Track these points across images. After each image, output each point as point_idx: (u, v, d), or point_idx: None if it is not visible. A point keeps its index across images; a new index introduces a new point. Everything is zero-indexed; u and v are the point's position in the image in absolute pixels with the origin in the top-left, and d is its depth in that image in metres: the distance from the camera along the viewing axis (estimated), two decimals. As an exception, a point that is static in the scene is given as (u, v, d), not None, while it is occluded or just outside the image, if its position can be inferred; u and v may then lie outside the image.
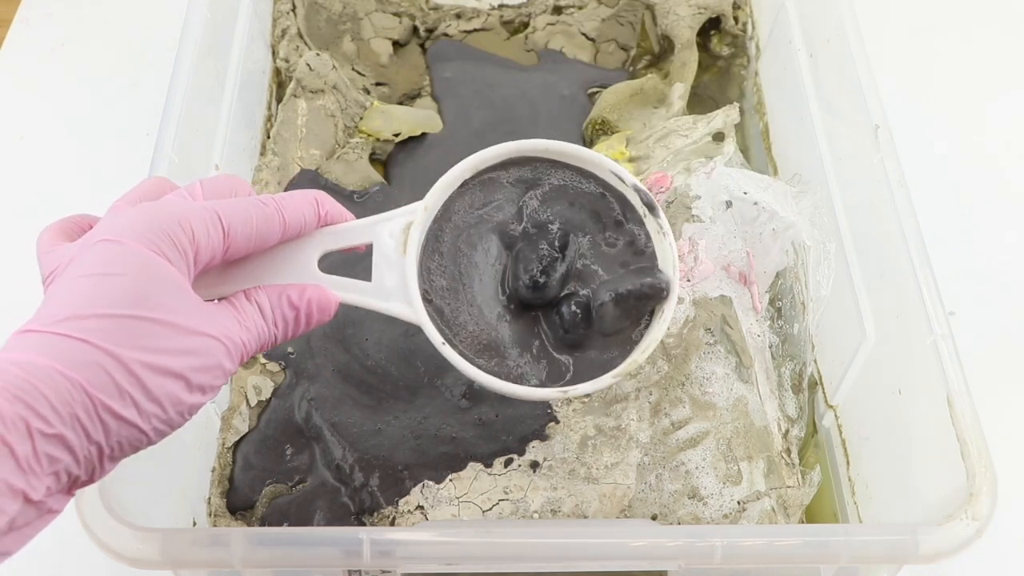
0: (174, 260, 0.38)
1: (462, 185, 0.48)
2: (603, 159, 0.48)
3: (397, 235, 0.45)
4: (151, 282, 0.36)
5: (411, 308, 0.44)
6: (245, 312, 0.41)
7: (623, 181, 0.48)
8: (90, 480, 0.35)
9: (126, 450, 0.36)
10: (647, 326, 0.47)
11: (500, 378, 0.45)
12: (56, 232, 0.41)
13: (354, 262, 0.46)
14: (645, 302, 0.47)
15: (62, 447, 0.33)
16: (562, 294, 0.47)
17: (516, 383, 0.45)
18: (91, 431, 0.34)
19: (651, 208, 0.48)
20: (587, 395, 0.47)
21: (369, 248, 0.45)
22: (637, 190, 0.48)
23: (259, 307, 0.41)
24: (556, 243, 0.47)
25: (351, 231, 0.45)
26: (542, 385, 0.45)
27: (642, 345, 0.46)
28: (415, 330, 0.45)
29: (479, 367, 0.44)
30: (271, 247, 0.43)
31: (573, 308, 0.46)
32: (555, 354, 0.47)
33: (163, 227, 0.38)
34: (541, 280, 0.46)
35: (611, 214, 0.49)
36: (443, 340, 0.44)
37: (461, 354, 0.44)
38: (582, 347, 0.47)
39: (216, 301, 0.40)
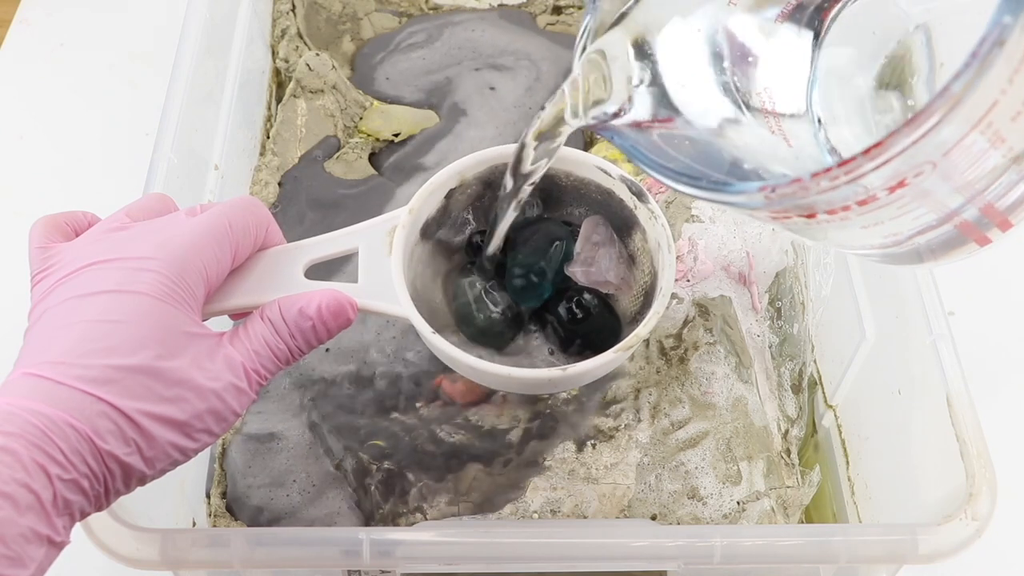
0: (183, 301, 0.38)
1: (449, 193, 0.48)
2: (588, 156, 0.49)
3: (382, 238, 0.45)
4: (155, 330, 0.37)
5: (399, 304, 0.44)
6: (256, 335, 0.40)
7: (609, 175, 0.48)
8: (97, 510, 0.37)
9: (132, 486, 0.37)
10: (648, 305, 0.47)
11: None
12: (52, 227, 0.41)
13: (338, 269, 0.46)
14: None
15: (77, 491, 0.34)
16: (556, 292, 0.47)
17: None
18: (100, 475, 0.35)
19: (640, 195, 0.48)
20: (588, 377, 0.46)
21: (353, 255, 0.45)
22: (624, 180, 0.48)
23: (272, 324, 0.41)
24: (544, 246, 0.47)
25: (335, 240, 0.45)
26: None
27: (644, 320, 0.46)
28: (415, 332, 0.45)
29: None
30: (256, 262, 0.43)
31: (569, 304, 0.46)
32: (560, 353, 0.47)
33: (180, 273, 0.38)
34: (535, 280, 0.47)
35: (603, 208, 0.49)
36: (432, 330, 0.44)
37: (453, 344, 0.44)
38: (585, 343, 0.47)
39: (222, 334, 0.40)
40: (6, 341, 0.42)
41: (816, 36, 0.41)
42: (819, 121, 0.41)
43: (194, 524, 0.52)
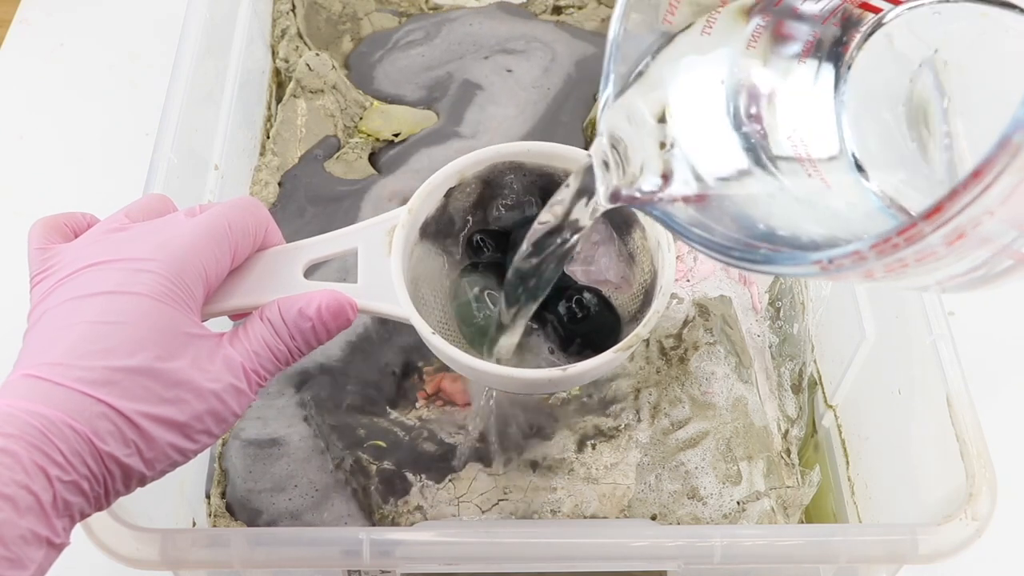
0: (182, 302, 0.38)
1: (448, 192, 0.48)
2: (585, 154, 0.49)
3: (381, 238, 0.45)
4: (154, 332, 0.37)
5: (398, 305, 0.44)
6: (256, 336, 0.40)
7: None
8: (97, 511, 0.36)
9: (132, 487, 0.37)
10: (647, 304, 0.47)
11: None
12: (51, 228, 0.41)
13: (339, 269, 0.46)
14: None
15: (77, 492, 0.34)
16: (556, 291, 0.47)
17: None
18: (100, 476, 0.35)
19: None
20: (588, 376, 0.45)
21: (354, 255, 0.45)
22: None
23: (271, 324, 0.41)
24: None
25: (335, 239, 0.45)
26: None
27: (644, 319, 0.45)
28: (416, 333, 0.45)
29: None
30: (255, 262, 0.43)
31: (569, 303, 0.46)
32: (560, 352, 0.47)
33: (179, 274, 0.38)
34: (532, 282, 0.46)
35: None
36: (432, 330, 0.44)
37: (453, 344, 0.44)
38: (584, 342, 0.47)
39: (221, 335, 0.40)
40: (6, 341, 0.42)
41: (838, 70, 0.40)
42: (855, 157, 0.40)
43: (194, 524, 0.52)
